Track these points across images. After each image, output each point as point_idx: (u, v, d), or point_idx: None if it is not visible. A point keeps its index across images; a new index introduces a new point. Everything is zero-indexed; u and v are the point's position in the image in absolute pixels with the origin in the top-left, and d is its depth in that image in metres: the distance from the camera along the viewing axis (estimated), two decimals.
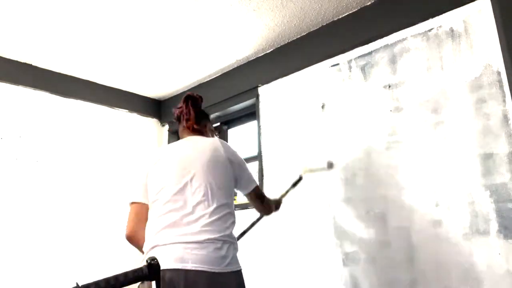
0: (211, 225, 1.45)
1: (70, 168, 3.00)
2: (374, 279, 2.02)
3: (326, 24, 2.51)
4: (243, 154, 3.08)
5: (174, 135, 3.68)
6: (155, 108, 3.69)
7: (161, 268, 1.31)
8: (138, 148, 3.48)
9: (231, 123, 3.29)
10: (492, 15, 1.82)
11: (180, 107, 1.77)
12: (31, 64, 2.92)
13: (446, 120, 1.90)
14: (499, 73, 1.77)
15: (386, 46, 2.20)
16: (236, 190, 1.72)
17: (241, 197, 2.94)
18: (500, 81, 1.76)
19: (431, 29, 2.03)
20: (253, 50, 2.81)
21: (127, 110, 3.47)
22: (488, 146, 1.76)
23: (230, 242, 1.48)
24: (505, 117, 1.73)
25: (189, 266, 1.36)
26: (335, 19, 2.46)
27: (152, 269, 1.63)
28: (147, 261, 1.66)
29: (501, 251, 1.65)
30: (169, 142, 3.61)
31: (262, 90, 2.86)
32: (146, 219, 1.57)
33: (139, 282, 1.39)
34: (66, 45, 2.67)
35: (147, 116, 3.63)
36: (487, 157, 1.75)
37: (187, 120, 1.73)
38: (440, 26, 2.00)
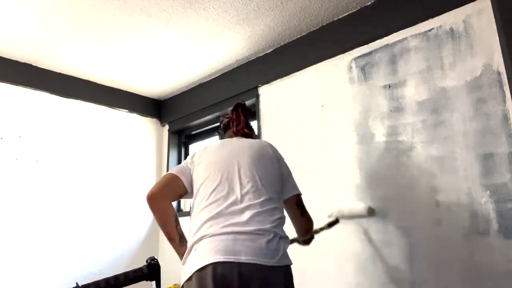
0: (261, 215, 1.37)
1: (70, 168, 3.00)
2: (374, 279, 2.02)
3: (326, 24, 2.51)
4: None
5: (174, 135, 3.68)
6: (155, 108, 3.69)
7: (211, 261, 1.25)
8: (138, 148, 3.49)
9: None
10: (492, 15, 1.82)
11: (229, 116, 1.79)
12: (31, 64, 2.92)
13: (446, 120, 1.90)
14: (499, 73, 1.77)
15: (386, 46, 2.20)
16: None
17: None
18: (500, 81, 1.76)
19: (431, 29, 2.03)
20: (253, 50, 2.81)
21: (127, 110, 3.47)
22: (488, 146, 1.76)
23: (280, 235, 1.38)
24: (505, 117, 1.73)
25: (243, 258, 1.26)
26: (335, 19, 2.46)
27: (152, 269, 1.63)
28: (147, 261, 1.66)
29: (501, 251, 1.65)
30: (169, 142, 3.62)
31: (262, 90, 2.86)
32: (175, 191, 1.52)
33: (184, 281, 1.33)
34: (66, 45, 2.67)
35: (147, 116, 3.63)
36: (487, 157, 1.75)
37: (238, 125, 1.72)
38: (440, 26, 2.00)
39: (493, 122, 1.76)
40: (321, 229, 1.99)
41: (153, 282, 1.64)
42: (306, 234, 1.77)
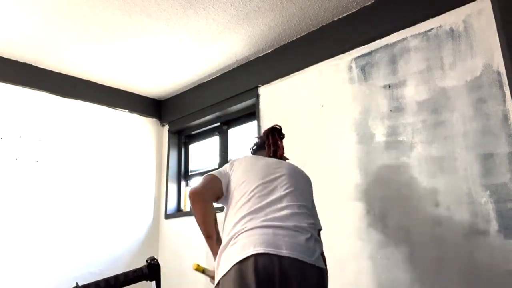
0: (299, 215, 1.38)
1: (70, 168, 3.00)
2: (374, 279, 2.02)
3: (326, 24, 2.51)
4: (243, 154, 3.09)
5: (174, 135, 3.68)
6: (155, 108, 3.69)
7: (252, 253, 1.23)
8: (138, 148, 3.49)
9: (231, 123, 3.29)
10: (492, 15, 1.82)
11: (263, 139, 1.82)
12: (31, 64, 2.92)
13: (446, 120, 1.90)
14: (499, 73, 1.77)
15: (386, 46, 2.20)
16: None
17: None
18: (500, 81, 1.76)
19: (431, 29, 2.03)
20: (253, 50, 2.81)
21: (127, 110, 3.47)
22: (488, 146, 1.76)
23: (316, 237, 1.39)
24: (505, 117, 1.73)
25: (284, 252, 1.25)
26: (335, 19, 2.46)
27: (152, 269, 1.63)
28: (147, 261, 1.66)
29: (501, 251, 1.65)
30: (169, 142, 3.62)
31: (262, 90, 2.86)
32: (216, 192, 1.52)
33: (221, 277, 1.30)
34: (66, 45, 2.67)
35: (147, 116, 3.63)
36: (487, 157, 1.75)
37: (275, 150, 1.75)
38: (440, 26, 2.00)
39: (493, 122, 1.76)
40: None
41: (153, 282, 1.64)
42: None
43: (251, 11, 2.34)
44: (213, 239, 1.49)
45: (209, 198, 1.52)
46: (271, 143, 1.77)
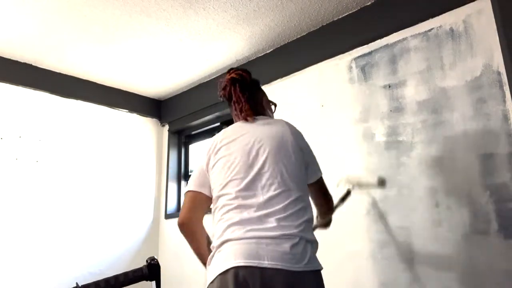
0: (286, 220, 1.28)
1: (70, 168, 3.00)
2: (374, 279, 2.02)
3: (326, 24, 2.51)
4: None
5: (174, 135, 3.68)
6: (155, 108, 3.69)
7: (233, 265, 1.19)
8: (138, 148, 3.49)
9: (231, 123, 3.27)
10: (492, 15, 1.82)
11: (226, 87, 1.59)
12: (31, 64, 2.92)
13: (446, 120, 1.90)
14: (499, 73, 1.77)
15: (386, 46, 2.20)
16: None
17: None
18: (500, 81, 1.76)
19: (431, 29, 2.03)
20: (253, 50, 2.81)
21: (127, 110, 3.47)
22: (488, 146, 1.76)
23: (307, 239, 1.30)
24: (505, 117, 1.73)
25: (266, 263, 1.19)
26: (335, 19, 2.46)
27: (152, 269, 1.63)
28: (147, 261, 1.66)
29: (501, 251, 1.65)
30: (169, 142, 3.62)
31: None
32: (203, 208, 1.46)
33: (208, 284, 1.29)
34: (66, 45, 2.67)
35: (147, 116, 3.63)
36: (487, 157, 1.75)
37: (241, 109, 1.53)
38: (440, 26, 2.00)
39: (493, 122, 1.76)
40: (336, 206, 1.83)
41: (153, 282, 1.64)
42: (328, 214, 1.67)
43: (251, 11, 2.34)
44: (206, 258, 1.42)
45: (199, 223, 1.45)
46: (234, 100, 1.55)
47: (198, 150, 3.64)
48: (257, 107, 1.58)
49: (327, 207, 1.64)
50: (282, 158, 1.39)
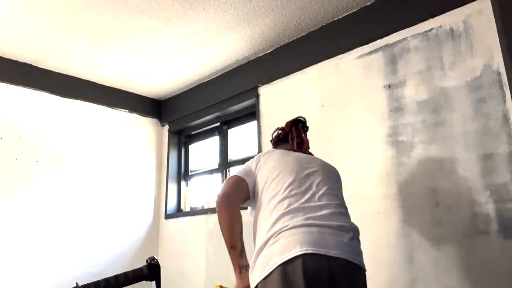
0: (339, 214, 1.28)
1: (70, 168, 3.00)
2: (374, 279, 2.02)
3: (326, 24, 2.51)
4: (243, 154, 3.10)
5: (174, 135, 3.68)
6: (155, 108, 3.69)
7: (300, 253, 1.12)
8: (138, 148, 3.49)
9: (231, 123, 3.29)
10: (492, 15, 1.82)
11: (285, 130, 1.71)
12: (31, 64, 2.92)
13: (446, 120, 1.90)
14: (499, 73, 1.77)
15: (386, 46, 2.20)
16: None
17: None
18: (500, 81, 1.76)
19: (431, 29, 2.03)
20: (253, 50, 2.81)
21: (127, 110, 3.47)
22: (488, 146, 1.76)
23: (357, 237, 1.30)
24: (505, 117, 1.73)
25: (332, 252, 1.15)
26: (335, 19, 2.46)
27: (152, 269, 1.63)
28: (147, 261, 1.66)
29: (501, 251, 1.65)
30: (169, 142, 3.62)
31: (262, 90, 2.86)
32: (243, 194, 1.41)
33: (260, 280, 1.18)
34: (66, 45, 2.67)
35: (147, 116, 3.63)
36: (487, 157, 1.75)
37: (300, 143, 1.63)
38: (440, 26, 2.00)
39: (493, 122, 1.76)
40: None
41: (153, 282, 1.64)
42: None
43: (251, 11, 2.34)
44: (237, 250, 1.33)
45: (237, 203, 1.40)
46: (295, 135, 1.65)
47: (198, 150, 3.64)
48: (309, 149, 1.70)
49: None
50: (329, 176, 1.45)
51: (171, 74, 3.17)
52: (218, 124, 3.34)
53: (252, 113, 3.01)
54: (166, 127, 3.69)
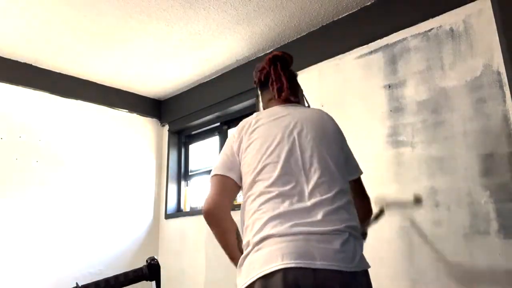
0: (335, 213, 1.13)
1: (70, 168, 3.00)
2: (374, 279, 2.01)
3: (326, 24, 2.51)
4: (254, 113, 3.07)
5: (174, 135, 3.68)
6: (155, 108, 3.69)
7: (280, 267, 1.03)
8: (138, 148, 3.48)
9: (231, 123, 3.29)
10: (492, 15, 1.82)
11: (264, 69, 1.45)
12: (31, 64, 2.92)
13: (446, 120, 1.90)
14: (499, 73, 1.77)
15: (386, 46, 2.20)
16: None
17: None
18: (500, 81, 1.76)
19: (431, 29, 2.03)
20: (253, 50, 2.81)
21: (127, 110, 3.47)
22: (488, 146, 1.76)
23: (356, 235, 1.15)
24: (505, 117, 1.73)
25: (318, 264, 1.03)
26: (335, 19, 2.46)
27: (152, 269, 1.63)
28: (147, 261, 1.66)
29: (501, 251, 1.65)
30: (169, 142, 3.62)
31: None
32: (231, 195, 1.27)
33: None
34: (66, 45, 2.67)
35: (147, 116, 3.63)
36: (487, 157, 1.75)
37: (280, 89, 1.38)
38: (440, 26, 2.00)
39: (493, 122, 1.76)
40: (369, 224, 1.66)
41: (153, 282, 1.64)
42: (365, 220, 1.47)
43: (251, 11, 2.34)
44: (237, 260, 1.21)
45: (226, 211, 1.25)
46: (273, 79, 1.40)
47: (198, 150, 3.64)
48: (296, 92, 1.44)
49: (364, 210, 1.44)
50: (325, 144, 1.24)
51: (171, 74, 3.17)
52: (218, 124, 3.34)
53: (252, 113, 2.99)
54: (166, 127, 3.69)
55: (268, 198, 1.15)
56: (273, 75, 1.41)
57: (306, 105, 1.55)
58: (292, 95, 1.41)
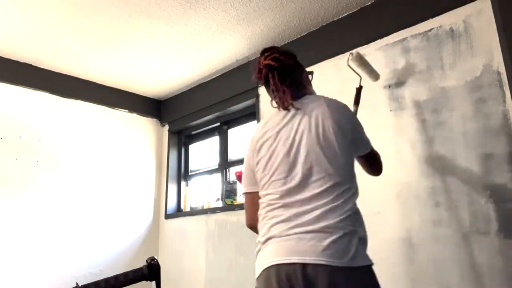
0: (330, 212, 1.24)
1: (70, 168, 3.00)
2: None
3: (326, 24, 2.51)
4: (243, 154, 3.09)
5: (174, 135, 3.68)
6: (155, 108, 3.69)
7: (274, 263, 1.21)
8: (138, 148, 3.49)
9: (231, 123, 3.29)
10: (492, 15, 1.82)
11: (261, 72, 1.56)
12: (31, 64, 2.92)
13: (446, 120, 1.90)
14: (499, 73, 1.77)
15: (386, 46, 2.20)
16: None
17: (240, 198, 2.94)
18: (500, 81, 1.76)
19: (431, 29, 2.03)
20: (253, 50, 2.81)
21: (127, 110, 3.47)
22: (488, 146, 1.76)
23: (352, 231, 1.24)
24: (505, 117, 1.73)
25: (307, 259, 1.16)
26: (335, 19, 2.46)
27: (152, 269, 1.63)
28: (147, 261, 1.66)
29: (501, 251, 1.65)
30: (169, 142, 3.62)
31: (262, 90, 2.86)
32: (259, 206, 1.41)
33: (256, 277, 1.30)
34: (66, 45, 2.67)
35: (147, 116, 3.63)
36: (487, 157, 1.75)
37: (281, 99, 1.43)
38: (440, 26, 2.00)
39: (493, 122, 1.76)
40: (356, 104, 2.00)
41: (153, 282, 1.64)
42: (379, 172, 1.66)
43: (251, 11, 2.34)
44: None
45: (258, 221, 1.41)
46: (272, 87, 1.47)
47: (198, 150, 3.64)
48: (298, 91, 1.50)
49: (369, 171, 1.65)
50: (323, 147, 1.31)
51: (171, 74, 3.17)
52: (218, 124, 3.34)
53: (252, 113, 3.01)
54: (166, 127, 3.69)
55: (273, 208, 1.33)
56: (272, 84, 1.47)
57: (312, 90, 1.62)
58: (294, 96, 1.46)
